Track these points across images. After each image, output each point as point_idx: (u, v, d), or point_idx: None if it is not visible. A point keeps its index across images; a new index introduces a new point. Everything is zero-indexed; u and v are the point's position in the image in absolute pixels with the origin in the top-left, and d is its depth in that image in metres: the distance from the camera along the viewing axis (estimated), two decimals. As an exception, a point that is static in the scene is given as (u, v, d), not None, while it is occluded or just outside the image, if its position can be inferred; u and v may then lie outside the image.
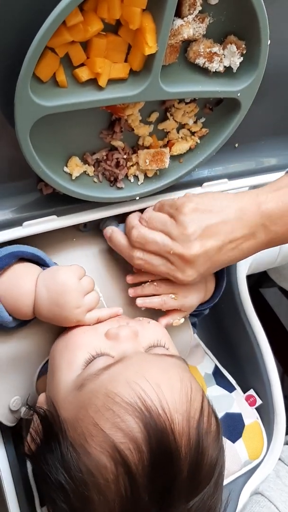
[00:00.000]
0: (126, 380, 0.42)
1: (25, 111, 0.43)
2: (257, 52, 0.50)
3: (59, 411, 0.45)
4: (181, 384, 0.43)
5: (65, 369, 0.47)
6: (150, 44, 0.44)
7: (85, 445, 0.41)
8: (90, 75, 0.45)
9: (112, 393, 0.41)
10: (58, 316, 0.51)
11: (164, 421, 0.40)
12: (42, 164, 0.48)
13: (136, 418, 0.40)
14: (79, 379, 0.45)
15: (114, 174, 0.55)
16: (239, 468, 0.66)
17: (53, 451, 0.43)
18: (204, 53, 0.49)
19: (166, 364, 0.45)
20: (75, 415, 0.43)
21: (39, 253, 0.54)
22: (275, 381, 0.71)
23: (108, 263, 0.62)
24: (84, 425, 0.41)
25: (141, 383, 0.41)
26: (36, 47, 0.40)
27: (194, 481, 0.41)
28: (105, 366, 0.45)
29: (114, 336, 0.49)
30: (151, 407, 0.40)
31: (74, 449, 0.41)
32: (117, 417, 0.40)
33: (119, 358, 0.46)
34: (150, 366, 0.44)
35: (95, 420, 0.41)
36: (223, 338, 0.79)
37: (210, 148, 0.57)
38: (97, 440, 0.40)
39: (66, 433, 0.43)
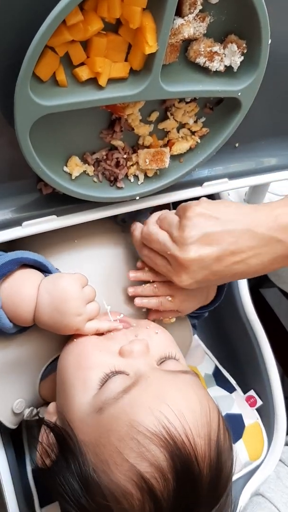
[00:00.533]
0: (148, 407, 0.42)
1: (25, 111, 0.43)
2: (258, 51, 0.49)
3: (76, 432, 0.45)
4: (200, 406, 0.44)
5: (80, 388, 0.47)
6: (150, 43, 0.44)
7: (109, 472, 0.41)
8: (90, 74, 0.45)
9: (135, 422, 0.41)
10: (59, 323, 0.51)
11: (188, 449, 0.41)
12: (41, 164, 0.48)
13: (161, 447, 0.40)
14: (97, 401, 0.45)
15: (114, 173, 0.54)
16: (240, 469, 0.66)
17: (73, 471, 0.43)
18: (204, 52, 0.49)
19: (183, 385, 0.46)
20: (95, 439, 0.43)
21: (41, 259, 0.53)
22: (275, 382, 0.71)
23: (110, 265, 0.62)
24: (107, 452, 0.42)
25: (163, 410, 0.42)
26: (36, 46, 0.40)
27: (213, 497, 0.42)
28: (123, 388, 0.44)
29: (129, 353, 0.49)
30: (175, 436, 0.41)
31: (97, 474, 0.42)
32: (142, 447, 0.40)
33: (136, 378, 0.46)
34: (169, 389, 0.45)
35: (119, 450, 0.41)
36: (223, 339, 0.79)
37: (211, 147, 0.57)
38: (122, 469, 0.41)
39: (86, 456, 0.43)
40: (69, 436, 0.45)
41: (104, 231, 0.64)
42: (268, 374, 0.71)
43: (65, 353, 0.52)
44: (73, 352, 0.51)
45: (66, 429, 0.46)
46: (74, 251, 0.61)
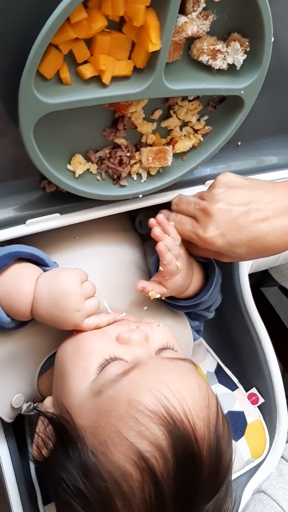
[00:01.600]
0: (148, 387, 0.42)
1: (28, 108, 0.43)
2: (261, 49, 0.49)
3: (74, 418, 0.45)
4: (199, 389, 0.44)
5: (78, 375, 0.47)
6: (154, 41, 0.44)
7: (108, 453, 0.41)
8: (94, 72, 0.45)
9: (134, 401, 0.41)
10: (57, 318, 0.50)
11: (187, 428, 0.41)
12: (45, 162, 0.48)
13: (160, 426, 0.40)
14: (96, 385, 0.45)
15: (117, 172, 0.55)
16: (242, 466, 0.66)
17: (71, 458, 0.43)
18: (207, 50, 0.49)
19: (182, 370, 0.46)
20: (94, 422, 0.43)
21: (38, 252, 0.53)
22: (277, 379, 0.71)
23: (112, 262, 0.62)
24: (106, 433, 0.41)
25: (163, 390, 0.42)
26: (40, 44, 0.40)
27: (213, 484, 0.42)
28: (122, 371, 0.44)
29: (126, 340, 0.49)
30: (174, 414, 0.41)
31: (95, 457, 0.41)
32: (141, 425, 0.40)
33: (134, 363, 0.46)
34: (168, 372, 0.45)
35: (119, 428, 0.41)
36: (225, 337, 0.79)
37: (213, 146, 0.57)
38: (121, 449, 0.40)
39: (85, 440, 0.43)
40: (67, 422, 0.45)
41: (107, 229, 0.64)
42: (270, 372, 0.71)
43: (63, 344, 0.52)
44: (72, 342, 0.51)
45: (64, 416, 0.46)
46: (76, 249, 0.61)
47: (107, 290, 0.60)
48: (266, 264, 0.82)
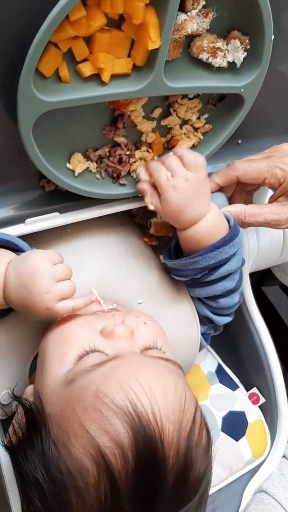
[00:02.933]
0: (118, 380, 0.40)
1: (28, 107, 0.43)
2: (261, 47, 0.49)
3: (44, 406, 0.43)
4: (175, 391, 0.41)
5: (56, 362, 0.46)
6: (153, 39, 0.44)
7: (68, 445, 0.39)
8: (93, 70, 0.45)
9: (102, 393, 0.39)
10: (27, 301, 0.47)
11: (153, 429, 0.38)
12: (44, 161, 0.48)
13: (124, 422, 0.38)
14: (70, 373, 0.44)
15: (116, 170, 0.54)
16: (243, 466, 0.66)
17: (34, 447, 0.41)
18: (207, 48, 0.49)
19: (161, 368, 0.44)
20: (61, 411, 0.41)
21: (13, 239, 0.51)
22: (278, 379, 0.71)
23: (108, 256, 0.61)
24: (69, 423, 0.40)
25: (133, 385, 0.40)
26: (39, 42, 0.40)
27: (179, 494, 0.39)
28: (98, 362, 0.43)
29: (109, 333, 0.47)
30: (141, 412, 0.38)
31: (56, 448, 0.40)
32: (105, 419, 0.38)
33: (113, 357, 0.44)
34: (144, 368, 0.43)
35: (81, 420, 0.39)
36: (226, 336, 0.79)
37: (213, 144, 0.57)
38: (81, 441, 0.38)
39: (49, 429, 0.41)
40: (37, 410, 0.43)
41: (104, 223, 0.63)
42: (271, 371, 0.71)
43: (47, 331, 0.51)
44: (55, 329, 0.49)
45: (36, 404, 0.44)
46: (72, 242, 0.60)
47: (103, 282, 0.59)
48: (267, 263, 0.82)
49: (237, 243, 0.56)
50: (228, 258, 0.56)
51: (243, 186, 0.62)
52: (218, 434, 0.66)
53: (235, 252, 0.56)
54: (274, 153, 0.58)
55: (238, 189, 0.63)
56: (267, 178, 0.57)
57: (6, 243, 0.51)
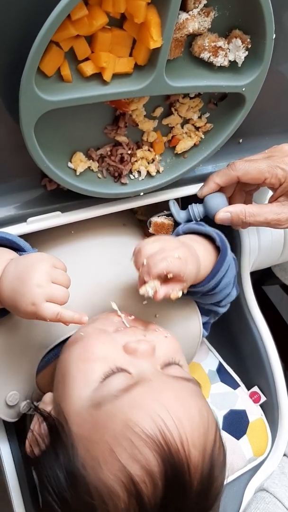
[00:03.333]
0: (147, 409, 0.41)
1: (29, 106, 0.43)
2: (262, 46, 0.49)
3: (70, 424, 0.44)
4: (199, 416, 0.43)
5: (81, 380, 0.46)
6: (155, 38, 0.44)
7: (98, 470, 0.40)
8: (95, 69, 0.45)
9: (132, 422, 0.40)
10: (17, 292, 0.46)
11: (181, 457, 0.40)
12: (46, 160, 0.48)
13: (154, 452, 0.39)
14: (96, 396, 0.44)
15: (118, 169, 0.54)
16: (244, 464, 0.66)
17: (61, 464, 0.42)
18: (209, 47, 0.49)
19: (185, 392, 0.45)
20: (89, 435, 0.42)
21: (11, 236, 0.51)
22: (279, 378, 0.71)
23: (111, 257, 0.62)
24: (99, 449, 0.41)
25: (162, 414, 0.41)
26: (41, 41, 0.40)
27: (200, 509, 0.42)
28: (125, 387, 0.43)
29: (133, 351, 0.47)
30: (170, 441, 0.40)
31: (85, 470, 0.41)
32: (136, 448, 0.40)
33: (138, 379, 0.45)
34: (170, 394, 0.44)
35: (112, 447, 0.40)
36: (227, 335, 0.79)
37: (215, 143, 0.57)
38: (111, 468, 0.40)
39: (77, 450, 0.42)
40: (62, 427, 0.44)
41: (106, 224, 0.63)
42: (272, 370, 0.71)
43: (68, 344, 0.51)
44: (77, 343, 0.50)
45: (60, 420, 0.45)
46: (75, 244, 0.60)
47: (106, 284, 0.59)
48: (268, 262, 0.82)
49: (229, 259, 0.58)
50: (225, 273, 0.58)
51: (243, 186, 0.63)
52: (219, 432, 0.66)
53: (229, 266, 0.58)
54: (274, 153, 0.59)
55: (238, 189, 0.63)
56: (268, 178, 0.57)
57: (8, 242, 0.51)
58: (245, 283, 0.74)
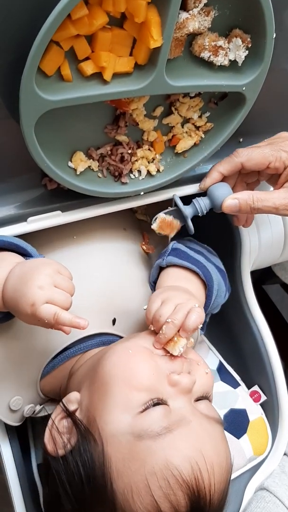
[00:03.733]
0: (187, 454, 0.44)
1: (30, 105, 0.43)
2: (263, 45, 0.49)
3: (105, 444, 0.45)
4: (226, 463, 0.47)
5: (121, 403, 0.46)
6: (155, 37, 0.44)
7: (128, 497, 0.43)
8: (95, 69, 0.45)
9: (172, 465, 0.43)
10: (19, 291, 0.46)
11: (206, 501, 0.44)
12: (46, 159, 0.48)
13: (186, 495, 0.42)
14: (137, 427, 0.45)
15: (118, 169, 0.54)
16: (244, 463, 0.66)
17: (88, 476, 0.44)
18: (209, 46, 0.49)
19: (218, 438, 0.48)
20: (125, 462, 0.44)
21: (19, 242, 0.51)
22: (279, 377, 0.71)
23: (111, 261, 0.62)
24: (134, 479, 0.43)
25: (199, 461, 0.44)
26: (41, 40, 0.40)
27: None
28: (166, 425, 0.45)
29: (175, 384, 0.48)
30: (201, 488, 0.43)
31: (114, 493, 0.43)
32: (171, 490, 0.42)
33: (179, 417, 0.46)
34: (207, 440, 0.46)
35: (148, 483, 0.42)
36: (227, 334, 0.79)
37: (215, 142, 0.57)
38: (143, 501, 0.42)
39: (110, 473, 0.44)
40: (94, 442, 0.45)
41: (107, 228, 0.64)
42: (272, 369, 0.71)
43: (112, 353, 0.50)
44: (125, 360, 0.49)
45: (92, 433, 0.46)
46: (76, 247, 0.61)
47: (107, 289, 0.60)
48: (268, 261, 0.82)
49: (216, 286, 0.60)
50: (215, 299, 0.61)
51: (244, 177, 0.62)
52: (219, 431, 0.67)
53: (217, 291, 0.60)
54: (275, 140, 0.59)
55: (240, 181, 0.63)
56: (272, 162, 0.57)
57: (15, 247, 0.51)
58: (246, 282, 0.74)
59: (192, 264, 0.59)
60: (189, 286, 0.58)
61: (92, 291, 0.59)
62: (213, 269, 0.62)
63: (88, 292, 0.58)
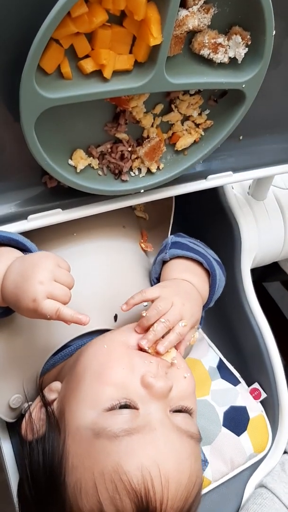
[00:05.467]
0: (140, 461, 0.42)
1: (30, 103, 0.43)
2: (262, 42, 0.49)
3: (67, 435, 0.45)
4: (188, 481, 0.44)
5: (90, 399, 0.46)
6: (155, 35, 0.44)
7: (77, 493, 0.42)
8: (95, 66, 0.45)
9: (122, 469, 0.41)
10: (20, 288, 0.46)
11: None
12: (47, 157, 0.48)
13: (133, 504, 0.41)
14: (99, 424, 0.44)
15: (118, 166, 0.54)
16: (244, 461, 0.67)
17: (45, 464, 0.45)
18: (208, 44, 0.49)
19: (183, 454, 0.45)
20: (80, 457, 0.43)
21: (18, 237, 0.51)
22: (279, 374, 0.71)
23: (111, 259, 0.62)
24: (84, 476, 0.42)
25: (152, 471, 0.41)
26: (41, 38, 0.40)
27: None
28: (128, 428, 0.43)
29: (149, 386, 0.46)
30: (151, 500, 0.41)
31: (65, 484, 0.43)
32: (117, 494, 0.41)
33: (143, 423, 0.44)
34: (168, 452, 0.43)
35: (96, 482, 0.41)
36: (227, 332, 0.79)
37: (215, 140, 0.57)
38: (89, 499, 0.42)
39: (65, 464, 0.44)
40: (59, 431, 0.46)
41: (106, 225, 0.64)
42: (272, 366, 0.71)
43: (91, 348, 0.50)
44: (99, 355, 0.49)
45: (60, 424, 0.46)
46: (76, 245, 0.61)
47: (107, 287, 0.60)
48: (269, 258, 0.82)
49: (219, 274, 0.61)
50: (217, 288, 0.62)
51: None
52: (219, 429, 0.67)
53: (219, 280, 0.62)
54: None
55: None
56: None
57: (15, 243, 0.52)
58: (246, 280, 0.74)
59: (195, 254, 0.60)
60: (193, 278, 0.59)
61: (92, 288, 0.59)
62: (213, 260, 0.62)
63: (89, 289, 0.59)
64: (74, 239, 0.61)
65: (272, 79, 0.56)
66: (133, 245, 0.66)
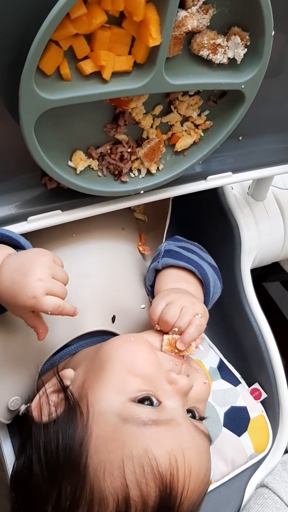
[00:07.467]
0: (170, 449, 0.43)
1: (29, 105, 0.43)
2: (261, 43, 0.49)
3: (91, 419, 0.45)
4: (205, 476, 0.46)
5: (117, 386, 0.47)
6: (154, 36, 0.44)
7: (100, 474, 0.42)
8: (94, 68, 0.45)
9: (151, 454, 0.42)
10: (18, 284, 0.46)
11: (176, 503, 0.43)
12: (46, 159, 0.48)
13: (158, 488, 0.42)
14: (126, 411, 0.45)
15: (118, 168, 0.54)
16: (245, 461, 0.67)
17: (63, 448, 0.44)
18: (208, 44, 0.49)
19: (203, 449, 0.47)
20: (105, 440, 0.44)
21: (12, 234, 0.51)
22: (280, 374, 0.71)
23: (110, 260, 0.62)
24: (110, 457, 0.43)
25: (179, 460, 0.43)
26: (40, 40, 0.40)
27: None
28: (155, 419, 0.45)
29: (173, 382, 0.49)
30: (175, 487, 0.43)
31: (87, 468, 0.43)
32: (144, 478, 0.42)
33: (169, 417, 0.46)
34: (192, 446, 0.46)
35: (123, 465, 0.42)
36: (227, 332, 0.79)
37: (214, 141, 0.57)
38: (114, 482, 0.42)
39: (87, 446, 0.44)
40: (81, 416, 0.46)
41: (105, 227, 0.64)
42: (273, 367, 0.71)
43: (118, 340, 0.52)
44: (128, 345, 0.50)
45: (81, 406, 0.46)
46: (75, 246, 0.61)
47: (105, 289, 0.60)
48: (269, 258, 0.82)
49: (212, 283, 0.61)
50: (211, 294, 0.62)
51: None
52: (220, 429, 0.67)
53: (213, 287, 0.62)
54: None
55: None
56: None
57: (9, 239, 0.51)
58: (246, 280, 0.74)
59: (187, 263, 0.60)
60: (188, 287, 0.59)
61: (91, 288, 0.59)
62: (207, 267, 0.62)
63: (88, 289, 0.59)
64: (73, 240, 0.61)
65: (271, 80, 0.56)
66: (131, 248, 0.66)
